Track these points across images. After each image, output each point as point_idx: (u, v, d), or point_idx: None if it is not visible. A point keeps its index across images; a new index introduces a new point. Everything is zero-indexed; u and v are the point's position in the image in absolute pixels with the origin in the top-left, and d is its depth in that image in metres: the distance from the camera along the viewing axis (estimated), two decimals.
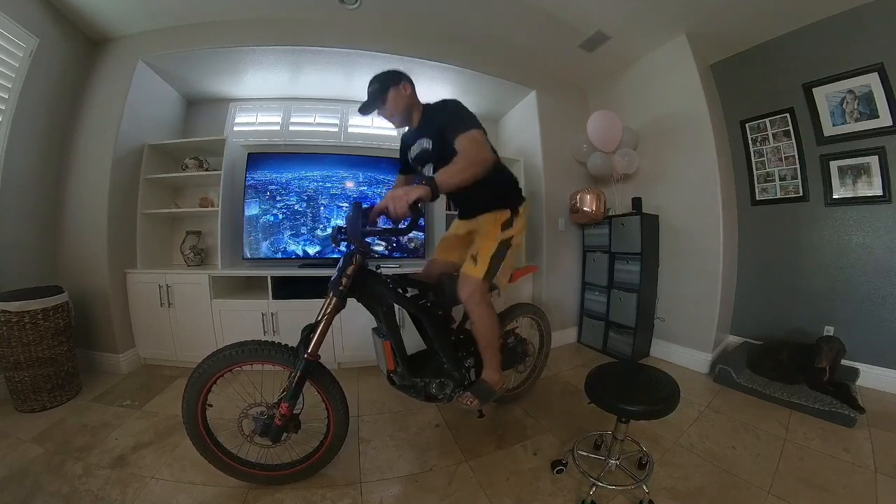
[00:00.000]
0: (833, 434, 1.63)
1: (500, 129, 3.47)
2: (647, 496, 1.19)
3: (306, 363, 1.17)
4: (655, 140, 2.71)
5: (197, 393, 1.20)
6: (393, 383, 1.45)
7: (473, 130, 1.23)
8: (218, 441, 1.27)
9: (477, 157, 1.17)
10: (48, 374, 1.79)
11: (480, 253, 1.42)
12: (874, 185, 2.05)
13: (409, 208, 1.04)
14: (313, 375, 1.22)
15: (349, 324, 2.26)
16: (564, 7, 2.20)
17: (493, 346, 1.47)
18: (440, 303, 1.51)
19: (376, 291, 1.34)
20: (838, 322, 2.19)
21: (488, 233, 1.47)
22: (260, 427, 1.19)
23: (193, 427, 1.22)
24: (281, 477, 1.31)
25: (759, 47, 2.46)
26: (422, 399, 1.45)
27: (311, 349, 1.17)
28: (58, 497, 1.21)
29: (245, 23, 2.28)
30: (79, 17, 2.14)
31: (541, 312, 2.00)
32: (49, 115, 2.15)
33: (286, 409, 1.17)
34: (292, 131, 2.95)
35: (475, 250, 1.44)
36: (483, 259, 1.41)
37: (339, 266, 1.22)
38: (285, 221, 2.58)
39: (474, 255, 1.43)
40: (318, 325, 1.19)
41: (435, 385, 1.45)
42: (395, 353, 1.38)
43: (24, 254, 2.07)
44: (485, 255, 1.42)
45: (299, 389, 1.18)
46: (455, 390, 1.48)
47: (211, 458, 1.26)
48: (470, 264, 1.42)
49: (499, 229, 1.46)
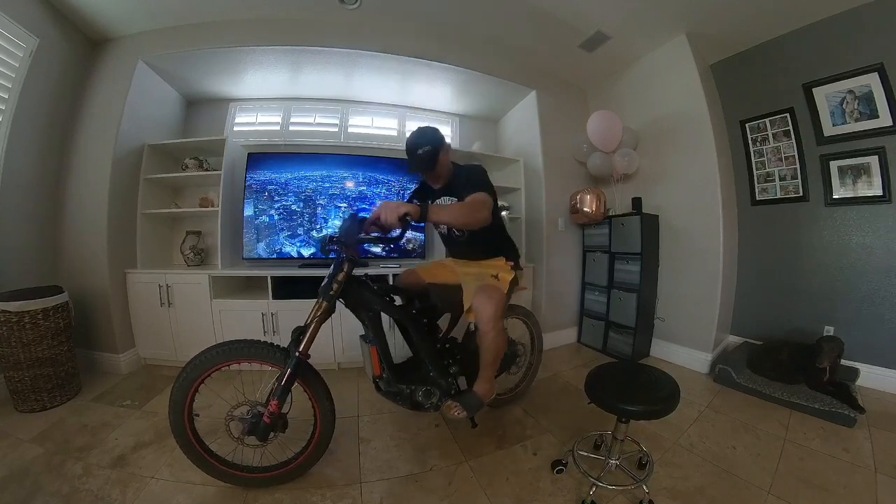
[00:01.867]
0: (833, 434, 1.63)
1: (500, 129, 3.47)
2: (647, 496, 1.20)
3: (298, 361, 1.19)
4: (655, 140, 2.71)
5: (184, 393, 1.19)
6: (379, 389, 1.46)
7: (484, 193, 1.33)
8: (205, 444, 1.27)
9: (476, 211, 1.27)
10: (48, 374, 1.79)
11: (501, 276, 1.50)
12: (874, 185, 2.05)
13: (398, 220, 1.13)
14: (302, 374, 1.24)
15: (349, 325, 2.26)
16: (564, 7, 2.20)
17: (496, 364, 1.49)
18: (426, 310, 1.54)
19: (364, 298, 1.37)
20: (838, 322, 2.19)
21: (503, 268, 1.54)
22: (248, 426, 1.20)
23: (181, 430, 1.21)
24: (270, 478, 1.30)
25: (759, 47, 2.46)
26: (408, 407, 1.46)
27: (302, 348, 1.20)
28: (58, 497, 1.21)
29: (245, 23, 2.28)
30: (79, 17, 2.14)
31: (528, 313, 2.03)
32: (49, 115, 2.15)
33: (275, 407, 1.18)
34: (292, 131, 2.96)
35: (495, 272, 1.51)
36: (503, 280, 1.49)
37: (329, 272, 1.27)
38: (285, 221, 2.57)
39: (495, 275, 1.49)
40: (308, 328, 1.22)
41: (421, 393, 1.46)
42: (381, 358, 1.40)
43: (24, 254, 2.07)
44: (504, 278, 1.49)
45: (289, 387, 1.20)
46: (442, 399, 1.48)
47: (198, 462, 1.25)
48: (492, 280, 1.47)
49: (508, 267, 1.55)
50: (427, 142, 1.40)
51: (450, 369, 1.56)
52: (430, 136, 1.42)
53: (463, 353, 1.64)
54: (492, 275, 1.49)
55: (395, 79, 2.75)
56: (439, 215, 1.24)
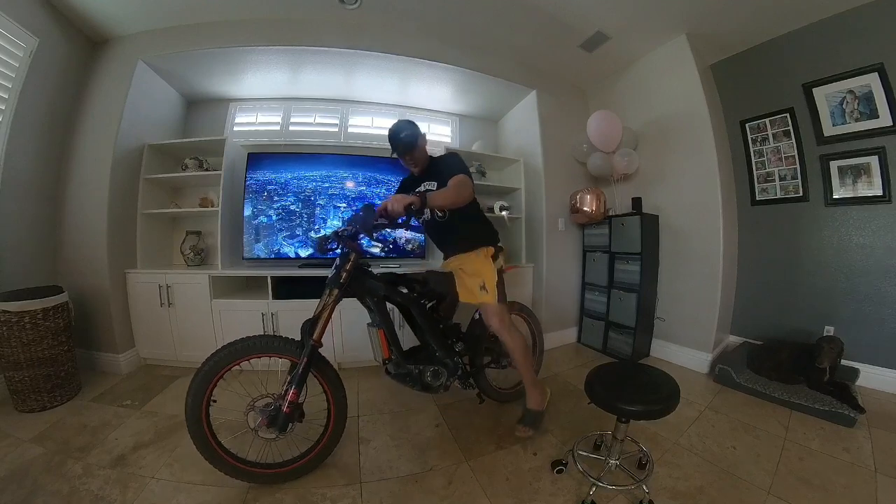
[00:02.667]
0: (833, 434, 1.63)
1: (500, 129, 3.47)
2: (647, 496, 1.20)
3: (313, 347, 1.26)
4: (655, 140, 2.71)
5: (204, 386, 1.21)
6: (389, 373, 1.52)
7: (463, 175, 1.50)
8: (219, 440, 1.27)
9: (461, 190, 1.45)
10: (48, 374, 1.79)
11: (486, 283, 1.59)
12: (874, 185, 2.05)
13: (403, 209, 1.29)
14: (316, 365, 1.30)
15: (349, 325, 2.27)
16: (564, 7, 2.20)
17: (528, 364, 1.65)
18: (426, 294, 1.64)
19: (368, 285, 1.46)
20: (838, 322, 2.19)
21: (484, 264, 1.64)
22: (268, 417, 1.23)
23: (196, 424, 1.21)
24: (285, 473, 1.32)
25: (759, 47, 2.46)
26: (418, 389, 1.53)
27: (315, 335, 1.27)
28: (58, 497, 1.21)
29: (245, 23, 2.28)
30: (79, 18, 2.14)
31: (529, 310, 2.07)
32: (49, 116, 2.15)
33: (294, 396, 1.23)
34: (292, 131, 2.95)
35: (480, 282, 1.59)
36: (491, 287, 1.59)
37: (336, 264, 1.37)
38: (285, 221, 2.57)
39: (482, 285, 1.59)
40: (320, 318, 1.29)
41: (430, 373, 1.54)
42: (389, 340, 1.47)
43: (24, 254, 2.07)
44: (490, 284, 1.59)
45: (306, 374, 1.26)
46: (449, 379, 1.59)
47: (211, 458, 1.25)
48: (483, 295, 1.58)
49: (490, 261, 1.65)
50: (407, 128, 1.58)
51: (454, 347, 1.66)
52: (410, 124, 1.61)
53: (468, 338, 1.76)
54: (479, 286, 1.59)
55: (395, 79, 2.75)
56: (436, 201, 1.37)
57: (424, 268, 2.36)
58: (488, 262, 1.63)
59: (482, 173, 3.07)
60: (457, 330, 1.76)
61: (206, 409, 1.23)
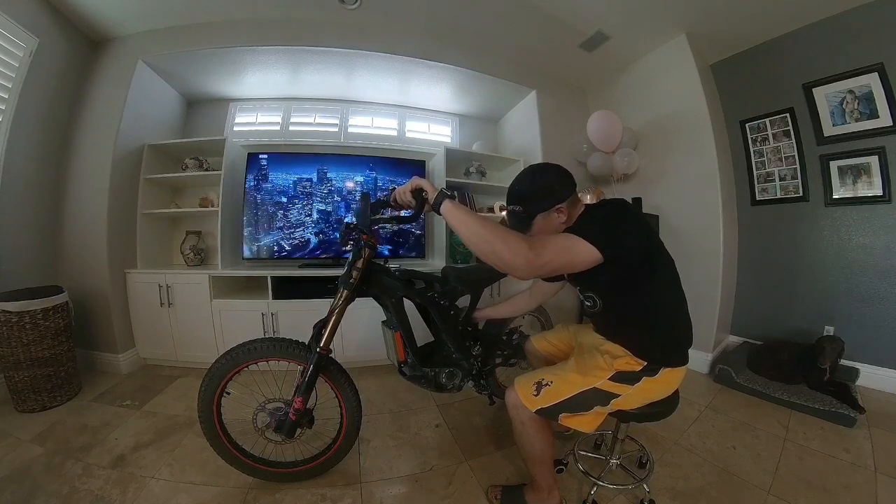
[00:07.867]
0: (833, 434, 1.63)
1: (500, 129, 3.47)
2: (647, 496, 1.20)
3: (319, 357, 1.19)
4: (655, 140, 2.70)
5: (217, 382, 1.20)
6: (403, 374, 1.47)
7: (569, 235, 0.89)
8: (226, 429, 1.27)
9: (498, 241, 0.83)
10: (48, 374, 1.79)
11: (555, 384, 1.04)
12: (874, 185, 2.06)
13: (411, 195, 1.06)
14: (325, 370, 1.24)
15: (351, 324, 2.23)
16: (564, 7, 2.20)
17: (535, 463, 1.13)
18: (446, 293, 1.53)
19: (385, 284, 1.36)
20: (838, 322, 2.19)
21: (596, 365, 1.06)
22: (275, 422, 1.21)
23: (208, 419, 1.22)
24: (285, 474, 1.31)
25: (759, 47, 2.46)
26: (432, 389, 1.48)
27: (323, 343, 1.19)
28: (58, 497, 1.21)
29: (245, 23, 2.28)
30: (79, 18, 2.14)
31: (542, 309, 2.01)
32: (49, 116, 2.15)
33: (300, 404, 1.18)
34: (292, 131, 2.95)
35: (552, 376, 1.06)
36: (552, 395, 1.02)
37: (348, 261, 1.26)
38: (285, 221, 2.57)
39: (544, 382, 1.05)
40: (330, 320, 1.21)
41: (444, 375, 1.48)
42: (406, 343, 1.40)
43: (24, 254, 2.07)
44: (557, 391, 1.02)
45: (312, 383, 1.20)
46: (464, 380, 1.52)
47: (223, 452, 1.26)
48: (528, 386, 1.05)
49: (611, 370, 1.03)
50: (518, 197, 1.07)
51: (472, 350, 1.57)
52: (527, 188, 1.06)
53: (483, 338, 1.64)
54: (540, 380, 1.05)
55: (395, 79, 2.75)
56: (451, 212, 0.91)
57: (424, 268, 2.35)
58: (604, 368, 1.04)
59: (482, 173, 3.07)
60: (474, 331, 1.66)
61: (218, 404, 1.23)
